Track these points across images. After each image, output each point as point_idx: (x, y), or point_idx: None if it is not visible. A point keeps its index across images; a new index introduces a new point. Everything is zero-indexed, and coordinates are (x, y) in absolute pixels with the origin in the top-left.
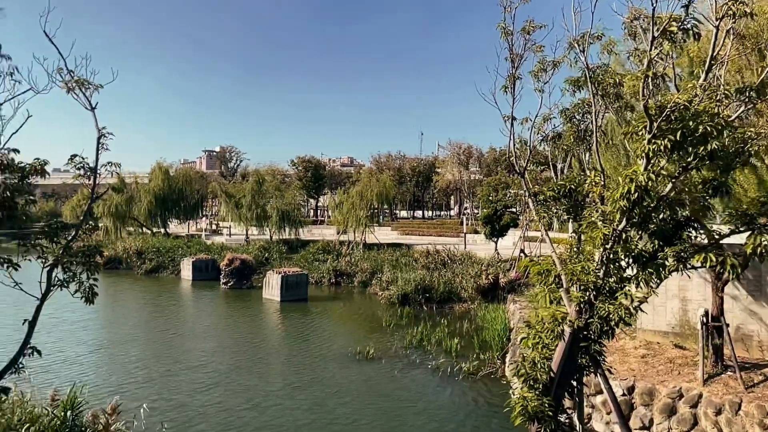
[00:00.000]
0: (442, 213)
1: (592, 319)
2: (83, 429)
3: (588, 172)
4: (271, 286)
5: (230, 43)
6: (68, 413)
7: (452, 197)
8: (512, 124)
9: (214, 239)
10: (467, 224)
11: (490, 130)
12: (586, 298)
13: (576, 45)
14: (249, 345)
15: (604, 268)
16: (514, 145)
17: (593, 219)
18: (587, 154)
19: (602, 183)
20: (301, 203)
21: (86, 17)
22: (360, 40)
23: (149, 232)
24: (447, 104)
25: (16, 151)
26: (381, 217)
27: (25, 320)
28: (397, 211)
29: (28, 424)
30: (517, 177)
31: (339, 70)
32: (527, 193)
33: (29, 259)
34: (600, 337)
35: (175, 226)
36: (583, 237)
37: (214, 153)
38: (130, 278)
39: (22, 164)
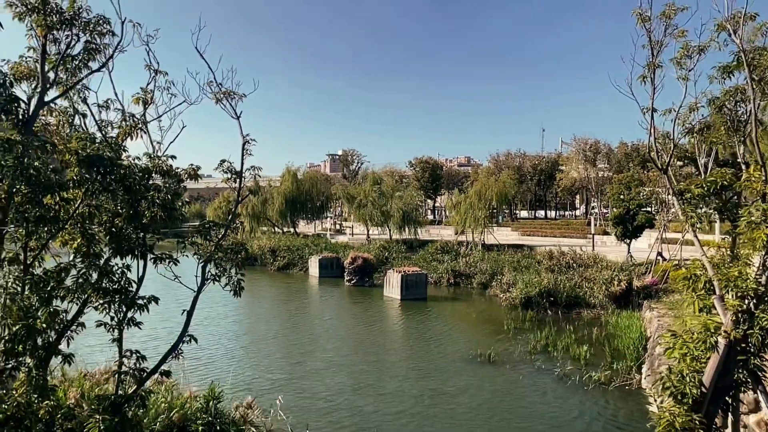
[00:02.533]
0: (567, 213)
1: (751, 330)
2: (225, 419)
3: (743, 167)
4: (392, 285)
5: (349, 49)
6: (211, 402)
7: (578, 196)
8: (652, 117)
9: (338, 238)
10: (595, 225)
11: (619, 125)
12: (745, 306)
13: (727, 26)
14: (379, 345)
15: (766, 273)
16: (655, 139)
17: (753, 219)
18: (741, 147)
19: (764, 178)
20: (419, 204)
21: (218, 34)
22: (475, 40)
23: (280, 231)
24: (569, 100)
25: (173, 157)
26: (500, 217)
27: (183, 310)
28: (518, 211)
29: (177, 408)
30: (654, 173)
31: (455, 72)
32: (672, 191)
33: (186, 255)
34: (761, 350)
35: (302, 226)
36: (739, 239)
37: (337, 156)
38: (266, 274)
39: (179, 170)
